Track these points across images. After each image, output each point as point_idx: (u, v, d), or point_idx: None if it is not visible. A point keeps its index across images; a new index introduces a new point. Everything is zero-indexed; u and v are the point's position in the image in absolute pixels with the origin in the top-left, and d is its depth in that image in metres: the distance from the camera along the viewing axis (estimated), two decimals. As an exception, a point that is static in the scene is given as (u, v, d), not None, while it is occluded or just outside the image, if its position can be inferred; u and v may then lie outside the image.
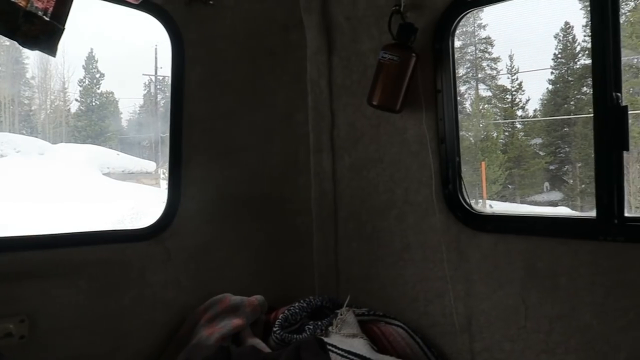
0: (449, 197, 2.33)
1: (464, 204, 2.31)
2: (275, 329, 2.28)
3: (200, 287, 2.47)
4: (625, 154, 1.88)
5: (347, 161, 2.61)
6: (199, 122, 2.46)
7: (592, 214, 1.95)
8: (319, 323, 2.33)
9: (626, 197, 1.89)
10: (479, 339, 2.27)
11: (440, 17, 2.27)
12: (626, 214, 1.88)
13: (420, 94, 2.33)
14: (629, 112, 1.89)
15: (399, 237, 2.50)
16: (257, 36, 2.55)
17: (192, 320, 2.38)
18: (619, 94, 1.87)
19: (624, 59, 1.93)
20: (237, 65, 2.53)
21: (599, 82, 1.90)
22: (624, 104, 1.87)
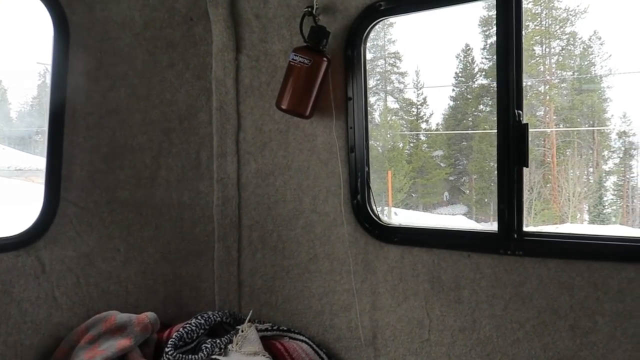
0: (357, 207, 2.28)
1: (372, 215, 2.27)
2: (167, 350, 2.06)
3: (80, 304, 2.19)
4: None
5: (253, 167, 2.46)
6: (84, 117, 2.18)
7: (494, 228, 1.99)
8: (218, 341, 2.17)
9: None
10: (383, 352, 2.24)
11: (353, 23, 2.21)
12: (525, 229, 1.93)
13: (331, 100, 2.26)
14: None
15: (305, 248, 2.40)
16: (156, 26, 2.32)
17: (69, 342, 2.10)
18: (520, 112, 1.92)
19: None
20: (132, 56, 2.28)
21: (502, 100, 1.94)
22: (524, 121, 1.92)
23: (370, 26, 2.21)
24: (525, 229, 1.93)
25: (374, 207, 2.29)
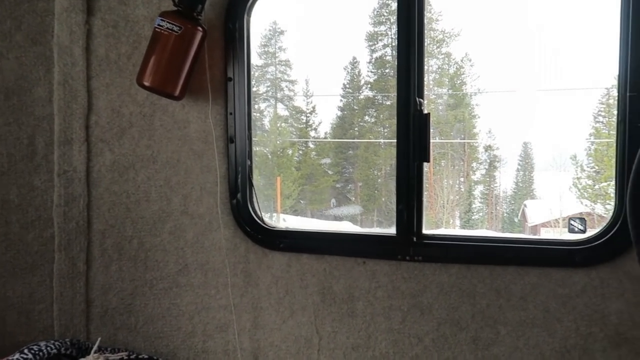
0: (237, 208, 1.94)
1: (255, 217, 1.95)
2: (-26, 399, 1.53)
3: None
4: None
5: (108, 158, 2.00)
6: None
7: (393, 231, 1.77)
8: (52, 380, 1.68)
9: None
10: None
11: None
12: (424, 232, 1.74)
13: (207, 80, 1.90)
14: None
15: (174, 257, 2.02)
16: None
17: None
18: (421, 100, 1.73)
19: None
20: None
21: (402, 87, 1.75)
22: (426, 111, 1.73)
23: None
24: (425, 231, 1.74)
25: (256, 208, 1.96)
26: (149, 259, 2.03)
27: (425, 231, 1.75)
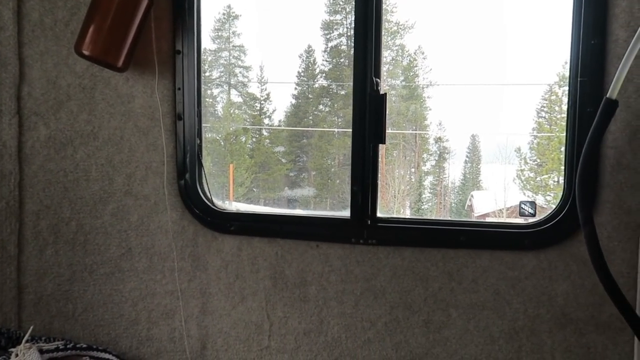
0: (185, 189, 1.85)
1: (204, 198, 1.87)
2: None
3: None
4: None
5: (42, 133, 1.85)
6: None
7: (347, 214, 1.73)
8: (-23, 373, 1.54)
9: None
10: None
11: None
12: (379, 215, 1.72)
13: (154, 53, 1.79)
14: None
15: (116, 241, 1.91)
16: None
17: None
18: (378, 80, 1.69)
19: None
20: None
21: (359, 66, 1.70)
22: (382, 92, 1.70)
23: None
24: (379, 214, 1.72)
25: (206, 189, 1.88)
26: (88, 243, 1.91)
27: (379, 214, 1.73)
